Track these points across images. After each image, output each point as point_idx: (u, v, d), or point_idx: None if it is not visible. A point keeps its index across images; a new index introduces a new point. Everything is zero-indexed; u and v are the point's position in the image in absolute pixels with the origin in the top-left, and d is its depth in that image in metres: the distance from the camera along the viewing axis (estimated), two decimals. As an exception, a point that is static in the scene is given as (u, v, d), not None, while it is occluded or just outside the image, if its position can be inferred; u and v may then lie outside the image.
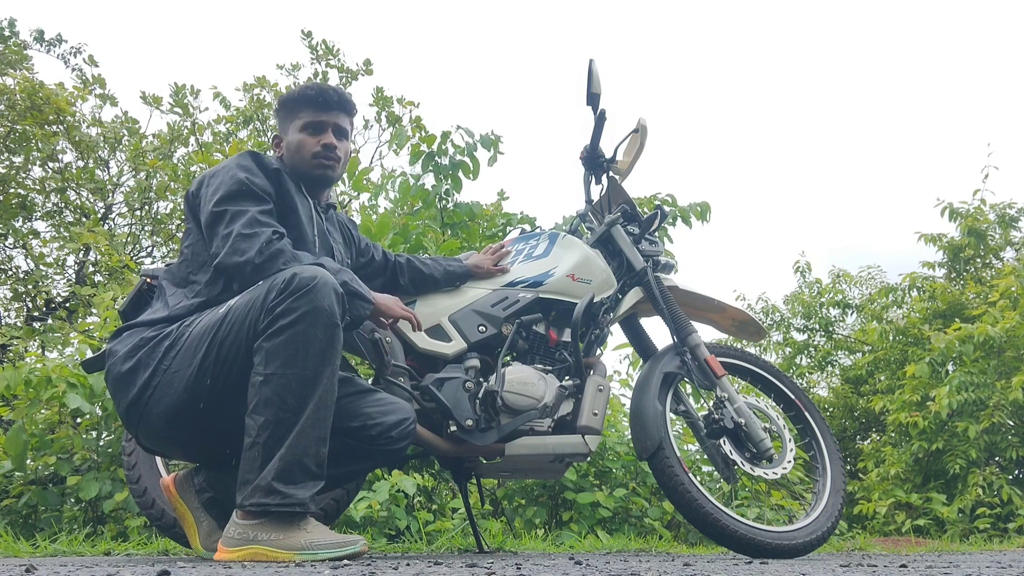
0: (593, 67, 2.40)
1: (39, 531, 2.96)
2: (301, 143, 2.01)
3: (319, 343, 1.61)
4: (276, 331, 1.60)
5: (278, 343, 1.59)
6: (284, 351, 1.59)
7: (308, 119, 2.02)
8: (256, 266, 1.71)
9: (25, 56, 7.62)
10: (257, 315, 1.63)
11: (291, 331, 1.59)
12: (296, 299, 1.60)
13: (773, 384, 2.53)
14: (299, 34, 8.81)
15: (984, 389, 5.68)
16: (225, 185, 1.82)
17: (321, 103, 2.02)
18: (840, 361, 9.27)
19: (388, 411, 1.85)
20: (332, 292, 1.64)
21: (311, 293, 1.61)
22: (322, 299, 1.62)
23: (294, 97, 2.05)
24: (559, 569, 1.48)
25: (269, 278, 1.67)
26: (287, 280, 1.62)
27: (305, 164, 2.02)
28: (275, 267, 1.71)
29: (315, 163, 2.01)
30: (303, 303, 1.60)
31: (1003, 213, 7.63)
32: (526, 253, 2.44)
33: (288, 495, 1.56)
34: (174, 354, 1.70)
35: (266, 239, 1.74)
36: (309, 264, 1.71)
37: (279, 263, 1.71)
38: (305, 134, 2.01)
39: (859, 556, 2.47)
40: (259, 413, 1.58)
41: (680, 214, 4.49)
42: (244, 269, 1.72)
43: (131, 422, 1.77)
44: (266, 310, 1.62)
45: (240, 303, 1.68)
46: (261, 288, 1.66)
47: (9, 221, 7.28)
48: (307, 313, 1.60)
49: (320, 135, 2.02)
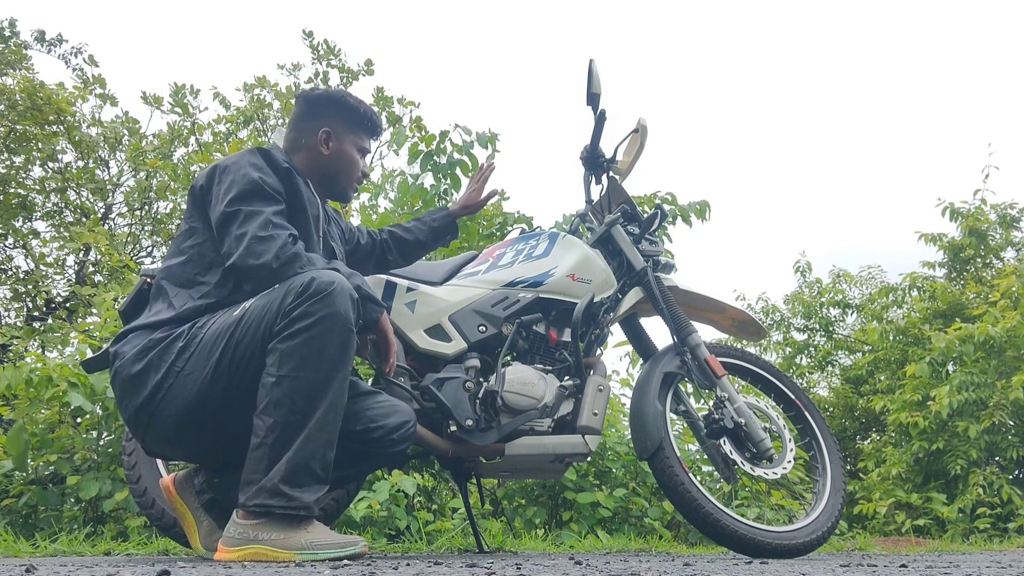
0: (593, 67, 2.40)
1: (39, 531, 2.96)
2: (355, 163, 2.13)
3: (334, 348, 1.61)
4: (292, 334, 1.60)
5: (293, 345, 1.59)
6: (298, 354, 1.59)
7: (364, 144, 2.16)
8: (273, 270, 1.71)
9: (25, 56, 7.62)
10: (273, 318, 1.63)
11: (307, 334, 1.60)
12: (314, 303, 1.61)
13: (773, 384, 2.53)
14: (300, 34, 8.81)
15: (985, 389, 5.68)
16: (238, 184, 1.80)
17: (374, 132, 2.19)
18: (840, 361, 9.27)
19: (389, 413, 1.85)
20: (349, 298, 1.65)
21: (329, 298, 1.61)
22: (339, 304, 1.62)
23: (361, 115, 2.13)
24: (559, 569, 1.48)
25: (286, 281, 1.67)
26: (305, 284, 1.63)
27: (347, 181, 2.13)
28: (292, 271, 1.70)
29: (353, 184, 2.15)
30: (321, 307, 1.61)
31: (1004, 213, 7.63)
32: (526, 253, 2.44)
33: (294, 498, 1.56)
34: (187, 356, 1.69)
35: (282, 243, 1.73)
36: (325, 268, 1.71)
37: (296, 267, 1.71)
38: (359, 156, 2.14)
39: (859, 556, 2.47)
40: (268, 414, 1.58)
41: (680, 213, 4.48)
42: (260, 273, 1.72)
43: (139, 425, 1.75)
44: (283, 313, 1.62)
45: (256, 305, 1.67)
46: (278, 291, 1.66)
47: (9, 221, 7.28)
48: (324, 318, 1.60)
49: (364, 160, 2.17)
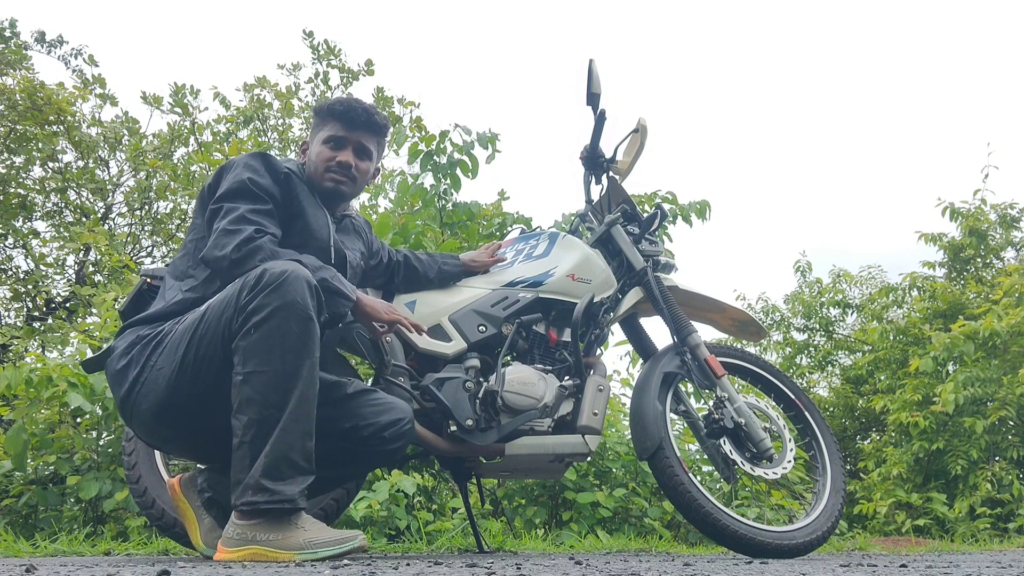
0: (593, 67, 2.40)
1: (39, 531, 2.96)
2: (319, 155, 2.04)
3: (294, 337, 1.61)
4: (250, 329, 1.60)
5: (253, 341, 1.60)
6: (260, 349, 1.59)
7: (332, 133, 2.03)
8: (232, 261, 1.73)
9: (25, 56, 7.62)
10: (232, 314, 1.63)
11: (265, 327, 1.59)
12: (267, 295, 1.60)
13: (773, 384, 2.53)
14: (300, 34, 8.80)
15: (990, 385, 5.68)
16: (227, 183, 1.86)
17: (348, 120, 2.03)
18: (840, 361, 9.27)
19: (382, 411, 1.84)
20: (304, 285, 1.63)
21: (281, 288, 1.61)
22: (293, 293, 1.61)
23: (325, 108, 2.06)
24: (559, 569, 1.47)
25: (243, 275, 1.67)
26: (257, 276, 1.63)
27: (317, 175, 2.03)
28: (251, 263, 1.71)
29: (326, 176, 2.03)
30: (274, 298, 1.60)
31: (1004, 213, 7.64)
32: (526, 253, 2.44)
33: (276, 491, 1.56)
34: (160, 352, 1.72)
35: (246, 236, 1.75)
36: (284, 260, 1.70)
37: (256, 259, 1.72)
38: (326, 147, 2.03)
39: (859, 556, 2.46)
40: (243, 413, 1.59)
41: (680, 212, 4.48)
42: (221, 264, 1.75)
43: (125, 416, 1.81)
44: (239, 308, 1.62)
45: (216, 301, 1.69)
46: (235, 286, 1.67)
47: (9, 221, 7.28)
48: (279, 308, 1.60)
49: (340, 151, 2.03)
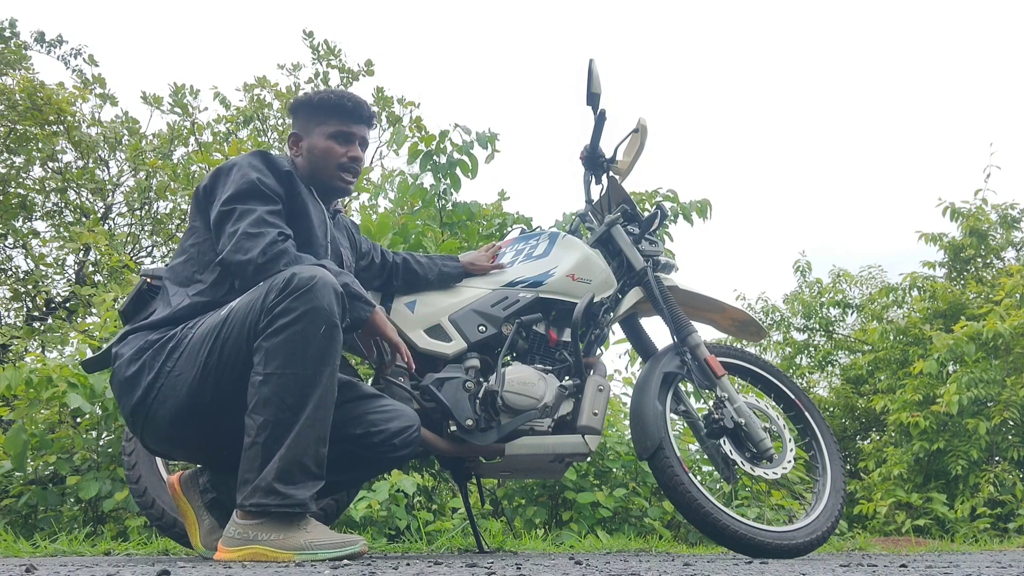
0: (593, 67, 2.40)
1: (39, 531, 2.96)
2: (328, 151, 2.00)
3: (318, 343, 1.61)
4: (275, 331, 1.59)
5: (277, 342, 1.59)
6: (283, 351, 1.59)
7: (338, 128, 2.00)
8: (258, 266, 1.71)
9: (25, 56, 7.61)
10: (257, 316, 1.63)
11: (290, 331, 1.59)
12: (295, 299, 1.60)
13: (773, 384, 2.53)
14: (300, 34, 8.80)
15: (993, 386, 5.67)
16: (235, 184, 1.82)
17: (354, 114, 2.02)
18: (840, 361, 9.27)
19: (391, 418, 1.84)
20: (332, 292, 1.64)
21: (310, 293, 1.61)
22: (321, 299, 1.61)
23: (324, 102, 2.01)
24: (559, 569, 1.47)
25: (269, 279, 1.66)
26: (286, 280, 1.62)
27: (328, 172, 2.01)
28: (277, 267, 1.70)
29: (339, 174, 2.01)
30: (302, 303, 1.60)
31: (1005, 213, 7.63)
32: (526, 253, 2.44)
33: (288, 495, 1.56)
34: (177, 356, 1.70)
35: (271, 239, 1.73)
36: (310, 265, 1.70)
37: (281, 264, 1.71)
38: (334, 142, 2.00)
39: (859, 556, 2.46)
40: (258, 413, 1.58)
41: (681, 211, 4.48)
42: (246, 268, 1.72)
43: (136, 425, 1.77)
44: (265, 310, 1.61)
45: (241, 304, 1.68)
46: (261, 289, 1.66)
47: (9, 221, 7.27)
48: (306, 313, 1.60)
49: (348, 146, 2.01)
